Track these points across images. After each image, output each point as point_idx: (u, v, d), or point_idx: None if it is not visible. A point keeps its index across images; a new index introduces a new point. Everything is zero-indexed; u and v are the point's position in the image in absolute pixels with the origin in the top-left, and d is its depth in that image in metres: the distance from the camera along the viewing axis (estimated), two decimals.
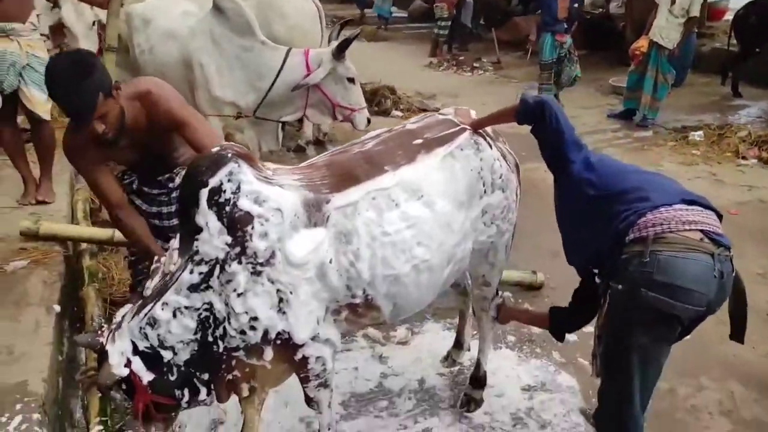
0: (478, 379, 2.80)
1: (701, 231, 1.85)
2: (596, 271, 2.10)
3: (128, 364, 1.92)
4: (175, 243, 1.96)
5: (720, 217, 1.97)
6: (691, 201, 1.94)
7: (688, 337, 2.00)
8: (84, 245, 3.49)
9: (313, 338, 2.01)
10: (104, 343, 1.95)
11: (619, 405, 2.02)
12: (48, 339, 2.61)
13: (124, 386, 1.98)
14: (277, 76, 3.95)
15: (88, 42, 4.59)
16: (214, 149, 1.94)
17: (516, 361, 3.11)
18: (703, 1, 7.60)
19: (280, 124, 4.50)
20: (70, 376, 2.75)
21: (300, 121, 5.58)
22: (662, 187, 2.02)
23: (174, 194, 2.52)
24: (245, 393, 2.07)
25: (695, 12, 6.72)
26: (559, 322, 2.41)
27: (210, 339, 1.93)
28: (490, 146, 2.36)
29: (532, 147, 2.32)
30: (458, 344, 3.09)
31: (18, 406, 2.23)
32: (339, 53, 3.86)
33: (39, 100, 3.60)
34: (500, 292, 2.74)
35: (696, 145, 6.37)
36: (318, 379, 2.11)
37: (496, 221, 2.40)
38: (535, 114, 2.15)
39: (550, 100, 2.18)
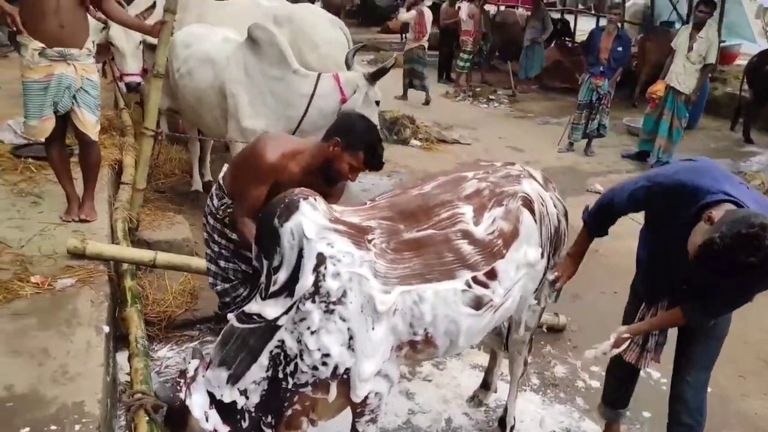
0: (506, 424, 2.89)
1: None
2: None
3: (207, 418, 2.03)
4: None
5: None
6: None
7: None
8: (125, 265, 3.59)
9: (377, 373, 2.12)
10: (183, 398, 2.06)
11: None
12: (100, 360, 2.70)
13: None
14: (309, 102, 4.03)
15: (134, 61, 4.69)
16: (287, 194, 2.06)
17: (540, 405, 3.21)
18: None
19: None
20: (114, 397, 2.85)
21: None
22: None
23: None
24: (304, 426, 2.17)
25: (712, 59, 6.93)
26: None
27: (280, 375, 2.05)
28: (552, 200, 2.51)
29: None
30: (486, 385, 3.18)
31: (77, 427, 2.31)
32: (374, 79, 4.02)
33: (90, 122, 3.72)
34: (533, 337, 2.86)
35: None
36: (372, 414, 2.22)
37: (545, 270, 2.52)
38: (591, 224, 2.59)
39: (586, 217, 2.59)
